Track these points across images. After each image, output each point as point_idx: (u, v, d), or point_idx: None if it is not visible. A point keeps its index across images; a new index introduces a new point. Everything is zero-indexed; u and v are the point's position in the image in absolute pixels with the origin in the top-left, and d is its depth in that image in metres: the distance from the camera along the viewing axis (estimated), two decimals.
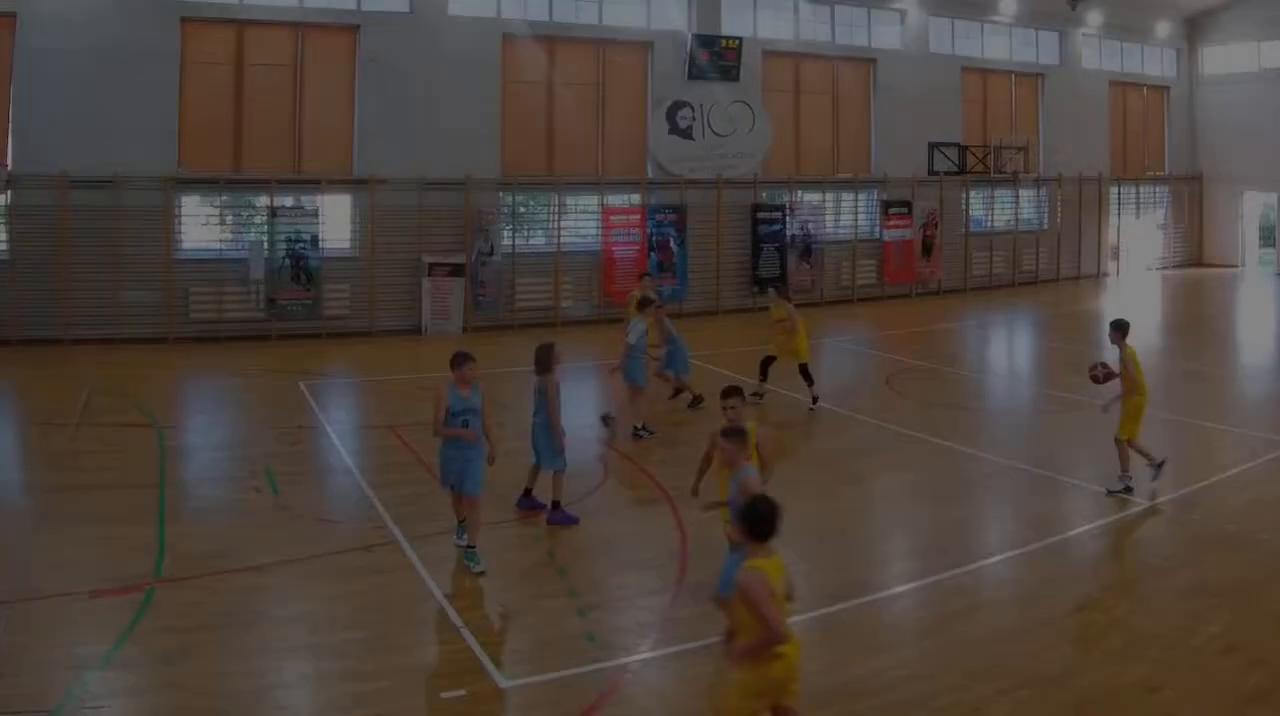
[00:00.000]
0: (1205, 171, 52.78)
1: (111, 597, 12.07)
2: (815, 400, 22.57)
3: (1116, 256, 50.49)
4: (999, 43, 46.13)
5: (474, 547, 13.30)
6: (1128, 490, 15.98)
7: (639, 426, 20.45)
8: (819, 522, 14.95)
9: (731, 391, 12.68)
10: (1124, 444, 16.21)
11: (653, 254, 37.13)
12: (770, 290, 26.04)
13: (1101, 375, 16.57)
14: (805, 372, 22.76)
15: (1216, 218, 52.90)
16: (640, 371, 20.93)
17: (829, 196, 41.67)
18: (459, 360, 13.94)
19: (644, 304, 21.92)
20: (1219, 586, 12.71)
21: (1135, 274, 50.07)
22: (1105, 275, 49.59)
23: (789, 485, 15.40)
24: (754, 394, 22.03)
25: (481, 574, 12.98)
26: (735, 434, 10.93)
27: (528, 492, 15.87)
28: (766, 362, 23.35)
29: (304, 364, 27.54)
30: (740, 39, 38.80)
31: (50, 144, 29.94)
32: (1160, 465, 16.33)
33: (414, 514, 15.27)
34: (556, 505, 15.21)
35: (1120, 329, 16.63)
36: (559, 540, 14.51)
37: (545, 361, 15.65)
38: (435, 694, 10.28)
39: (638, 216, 37.33)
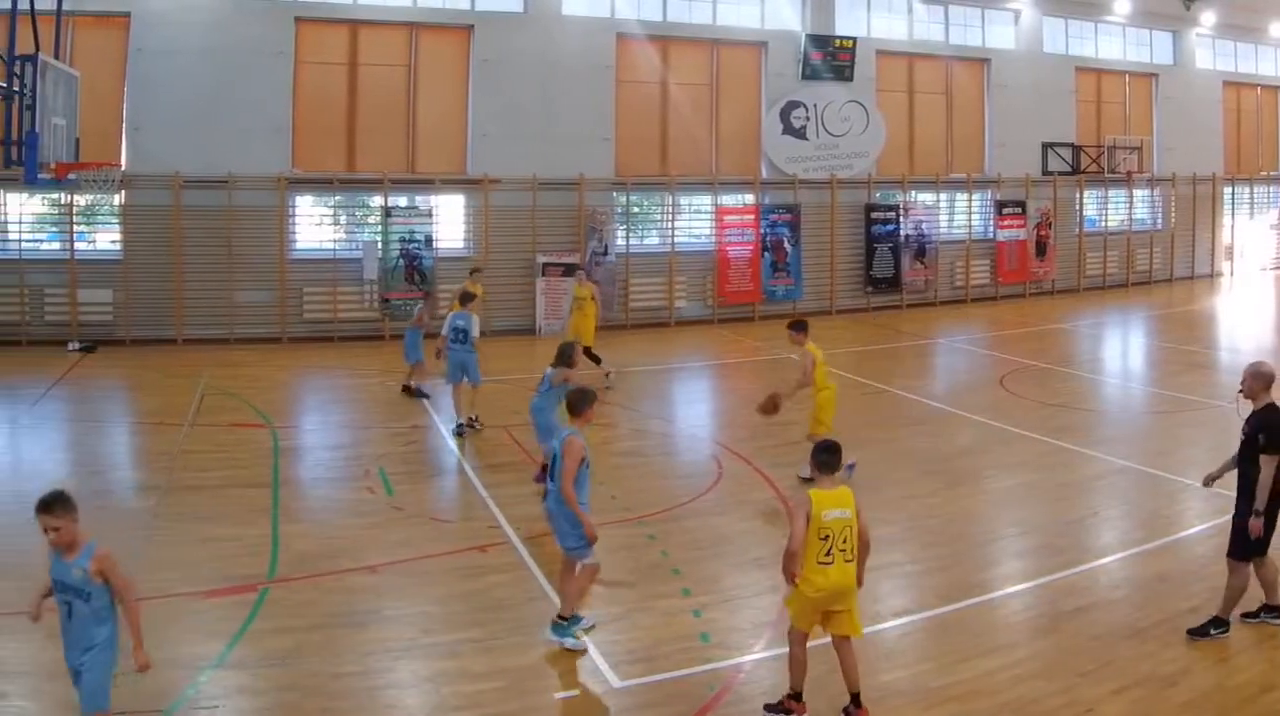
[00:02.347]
0: None
1: (225, 597, 11.55)
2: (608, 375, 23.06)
3: (1230, 257, 46.50)
4: (1113, 42, 42.33)
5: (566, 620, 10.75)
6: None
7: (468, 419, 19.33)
8: (932, 523, 14.27)
9: None
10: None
11: (766, 254, 34.53)
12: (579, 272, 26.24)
13: (770, 407, 16.04)
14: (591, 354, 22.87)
15: None
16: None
17: (943, 196, 38.62)
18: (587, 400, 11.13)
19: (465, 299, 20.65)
20: None
21: (1249, 274, 46.54)
22: (1219, 276, 45.61)
23: (902, 485, 15.86)
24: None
25: (583, 651, 10.48)
26: None
27: None
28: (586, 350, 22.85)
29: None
30: (854, 39, 35.88)
31: (164, 144, 28.00)
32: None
33: (527, 514, 14.25)
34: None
35: (800, 329, 16.01)
36: (674, 540, 13.51)
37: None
38: (548, 694, 9.73)
39: (751, 216, 34.67)
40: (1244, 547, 10.47)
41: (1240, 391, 10.89)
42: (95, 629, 7.89)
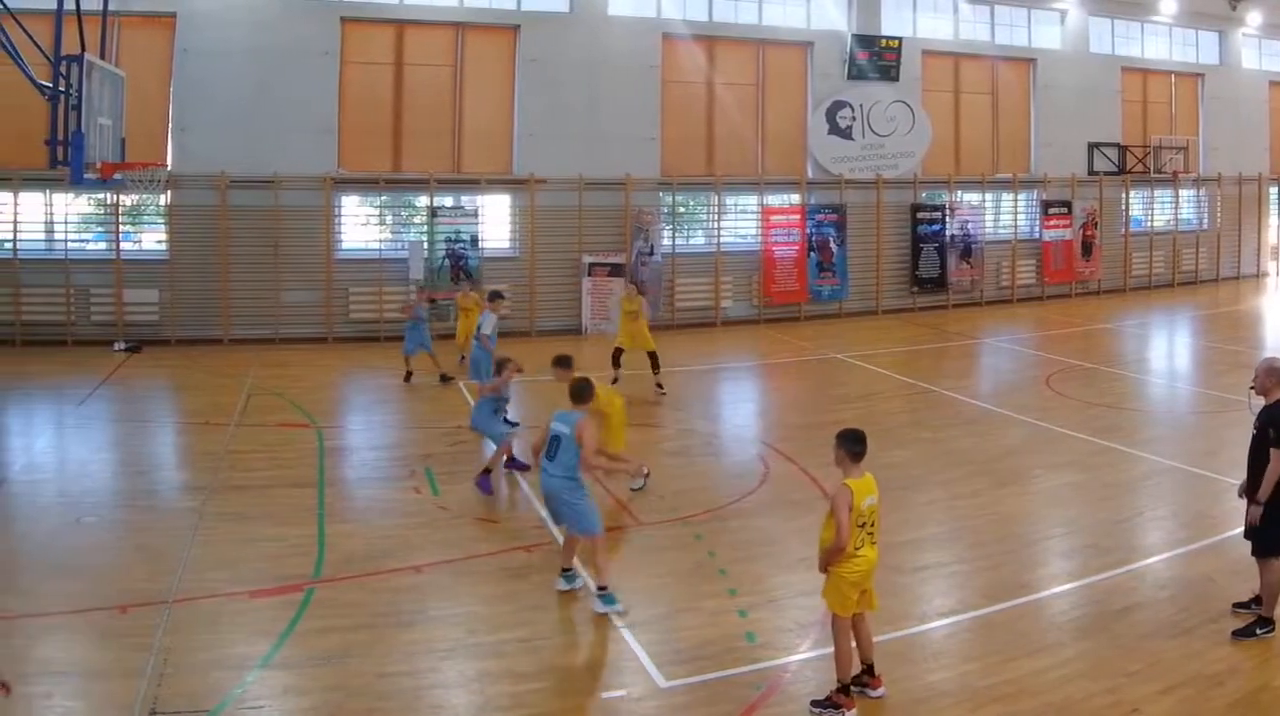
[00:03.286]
0: None
1: (271, 597, 11.23)
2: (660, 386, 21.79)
3: (1276, 257, 44.71)
4: (1158, 43, 40.55)
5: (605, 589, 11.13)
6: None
7: None
8: (979, 522, 13.79)
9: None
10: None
11: (813, 253, 33.20)
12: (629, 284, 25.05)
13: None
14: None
15: None
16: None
17: (988, 196, 37.14)
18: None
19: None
20: None
21: None
22: (1264, 276, 43.77)
23: (948, 485, 15.37)
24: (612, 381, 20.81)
25: (623, 614, 10.89)
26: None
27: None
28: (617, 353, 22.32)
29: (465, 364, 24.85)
30: (900, 39, 34.46)
31: (209, 144, 27.13)
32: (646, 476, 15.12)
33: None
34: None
35: (564, 365, 14.51)
36: (720, 540, 13.07)
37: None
38: (595, 694, 9.44)
39: (797, 216, 33.34)
40: (1265, 544, 10.24)
41: (1252, 386, 10.55)
42: None
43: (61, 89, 18.76)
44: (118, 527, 13.58)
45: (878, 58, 34.29)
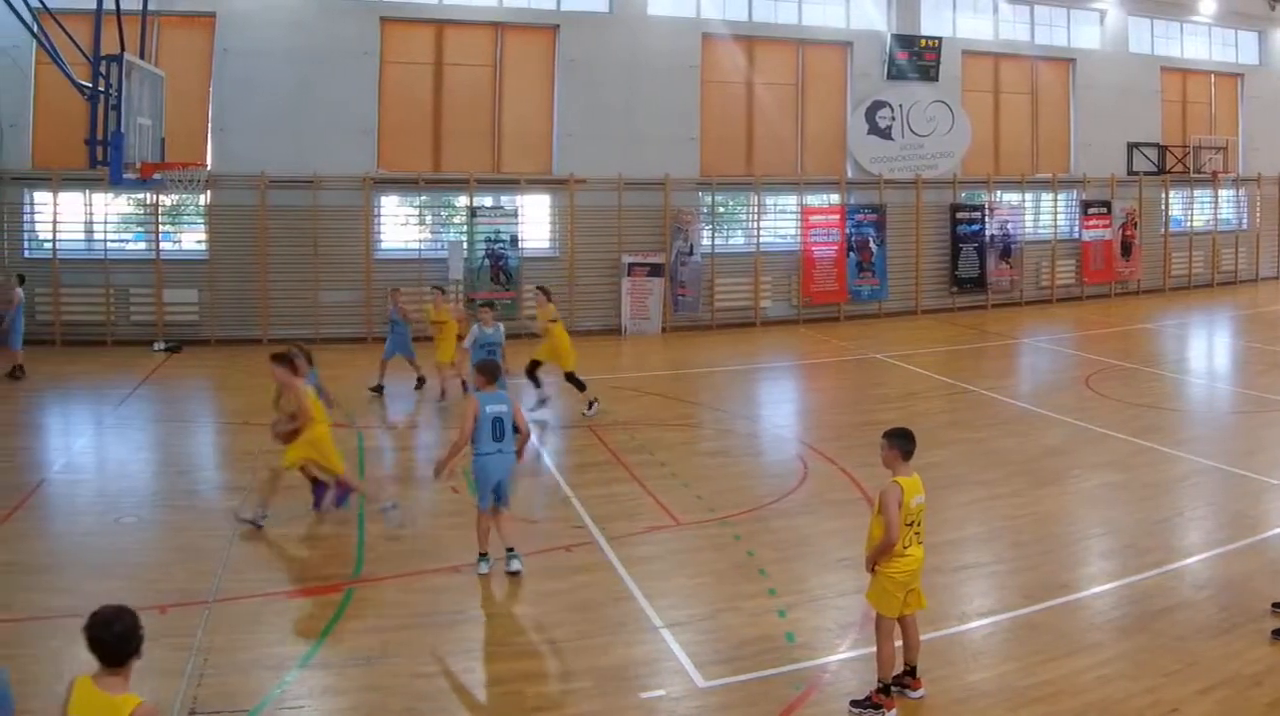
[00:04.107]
0: None
1: (310, 597, 10.93)
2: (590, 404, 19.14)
3: None
4: (1198, 43, 38.96)
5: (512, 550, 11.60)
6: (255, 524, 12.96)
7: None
8: (1018, 523, 13.32)
9: None
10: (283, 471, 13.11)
11: (852, 254, 31.94)
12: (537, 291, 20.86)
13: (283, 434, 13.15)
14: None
15: None
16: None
17: (1028, 196, 35.77)
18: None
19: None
20: None
21: None
22: None
23: (987, 485, 14.87)
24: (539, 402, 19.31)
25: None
26: None
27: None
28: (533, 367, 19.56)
29: (503, 363, 23.69)
30: (939, 39, 33.14)
31: (249, 144, 26.24)
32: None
33: (613, 513, 13.60)
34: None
35: (282, 361, 13.04)
36: (759, 540, 12.61)
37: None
38: (634, 693, 9.05)
39: (837, 216, 32.07)
40: None
41: None
42: None
43: (101, 89, 18.25)
44: (157, 527, 13.20)
45: (917, 57, 33.05)
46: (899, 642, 8.82)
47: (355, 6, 27.37)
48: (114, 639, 5.55)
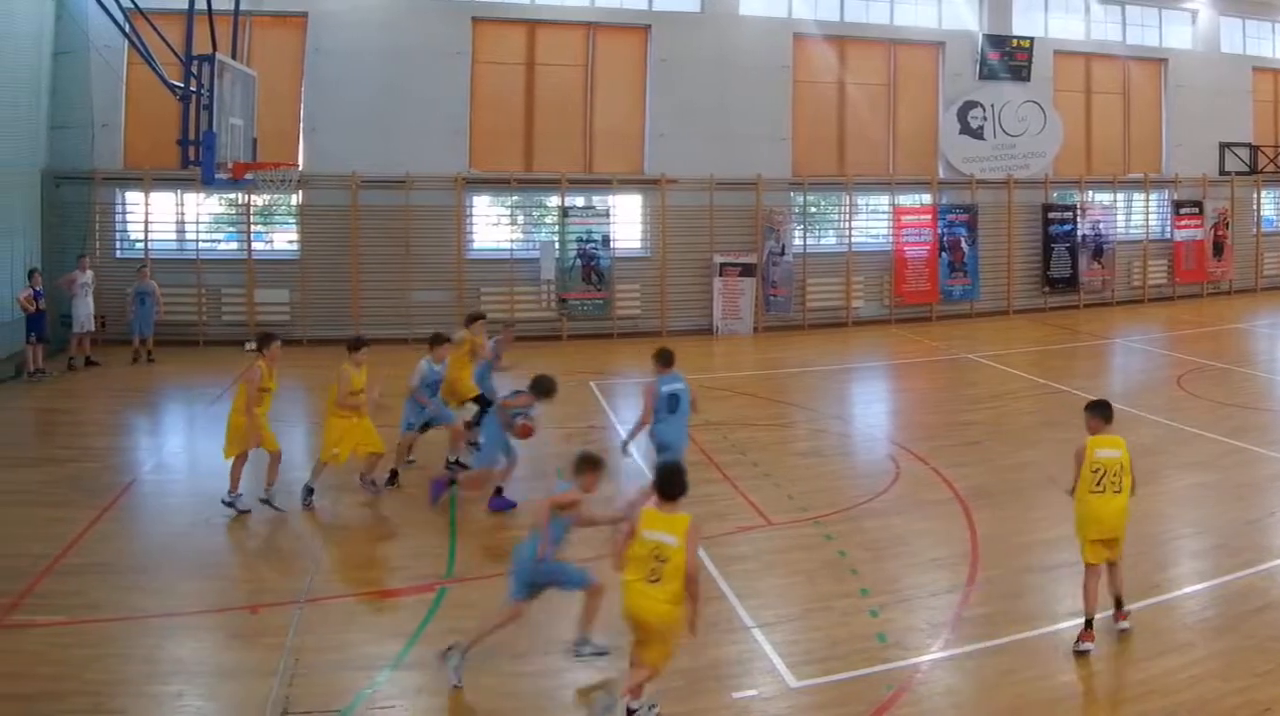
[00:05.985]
0: None
1: (403, 597, 10.31)
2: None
3: None
4: None
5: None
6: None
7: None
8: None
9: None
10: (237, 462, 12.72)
11: (944, 254, 29.14)
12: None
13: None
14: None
15: None
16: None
17: (1120, 196, 32.65)
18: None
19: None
20: None
21: None
22: None
23: None
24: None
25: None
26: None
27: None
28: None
29: (596, 364, 22.59)
30: (1031, 39, 30.16)
31: (341, 144, 24.21)
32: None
33: (705, 514, 12.02)
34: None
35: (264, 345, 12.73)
36: (851, 541, 11.79)
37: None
38: (726, 693, 8.36)
39: (929, 216, 29.24)
40: None
41: None
42: None
43: (193, 89, 16.86)
44: (248, 528, 12.42)
45: (1009, 57, 30.13)
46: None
47: (446, 6, 25.13)
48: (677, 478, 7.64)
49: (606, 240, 25.98)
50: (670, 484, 7.80)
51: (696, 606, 7.70)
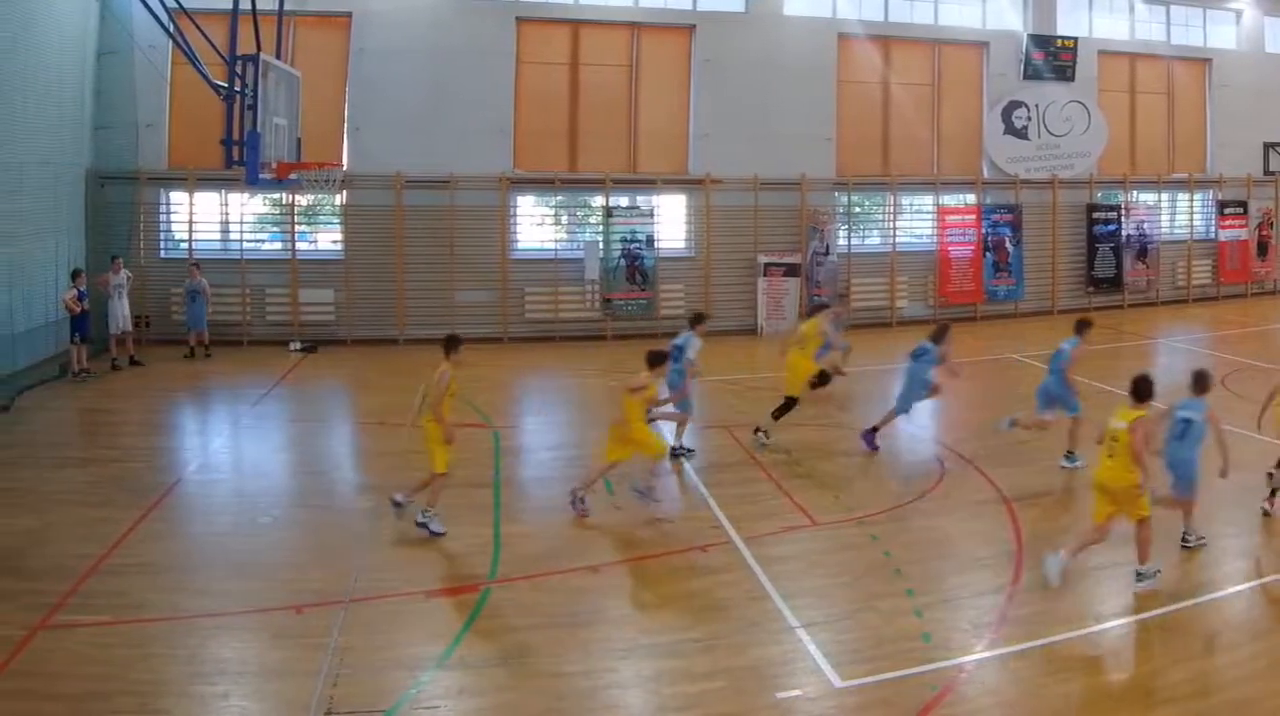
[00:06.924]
0: None
1: (447, 598, 9.92)
2: None
3: None
4: None
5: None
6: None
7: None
8: (1153, 522, 10.80)
9: None
10: None
11: (988, 254, 27.81)
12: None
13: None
14: None
15: None
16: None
17: (1164, 196, 31.25)
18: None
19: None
20: None
21: None
22: None
23: None
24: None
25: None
26: None
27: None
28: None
29: (633, 365, 21.01)
30: (1075, 39, 28.81)
31: (385, 144, 23.22)
32: None
33: (750, 513, 12.30)
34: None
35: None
36: (896, 541, 11.31)
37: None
38: (770, 693, 8.10)
39: (973, 216, 27.91)
40: None
41: None
42: None
43: (237, 89, 16.28)
44: (293, 527, 12.09)
45: (1053, 57, 28.79)
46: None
47: (491, 7, 24.08)
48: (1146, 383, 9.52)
49: (651, 240, 24.85)
50: (1138, 387, 10.02)
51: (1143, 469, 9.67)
